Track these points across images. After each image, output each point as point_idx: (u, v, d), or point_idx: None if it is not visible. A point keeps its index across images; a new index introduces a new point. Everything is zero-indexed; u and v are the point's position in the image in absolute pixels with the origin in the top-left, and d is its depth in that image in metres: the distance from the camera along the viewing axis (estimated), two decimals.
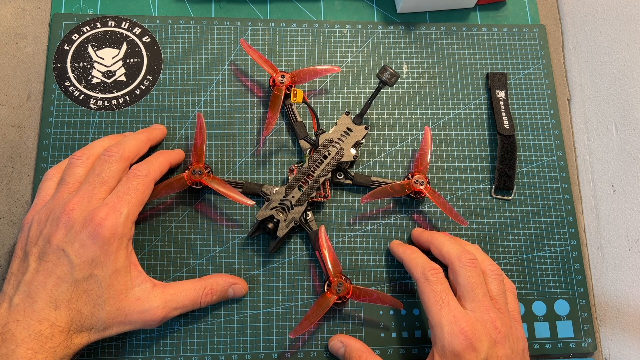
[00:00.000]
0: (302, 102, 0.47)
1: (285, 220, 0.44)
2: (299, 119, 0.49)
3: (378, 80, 0.47)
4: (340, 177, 0.48)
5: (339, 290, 0.42)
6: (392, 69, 0.45)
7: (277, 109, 0.47)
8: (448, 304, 0.38)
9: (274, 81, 0.48)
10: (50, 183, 0.42)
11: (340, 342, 0.43)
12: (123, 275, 0.38)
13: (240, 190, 0.47)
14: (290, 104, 0.49)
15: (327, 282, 0.43)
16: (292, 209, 0.45)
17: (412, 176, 0.47)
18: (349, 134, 0.47)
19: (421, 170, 0.47)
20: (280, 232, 0.44)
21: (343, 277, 0.43)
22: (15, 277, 0.37)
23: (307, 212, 0.46)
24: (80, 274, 0.36)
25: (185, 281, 0.42)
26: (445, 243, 0.42)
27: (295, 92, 0.47)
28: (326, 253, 0.43)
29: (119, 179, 0.41)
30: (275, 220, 0.44)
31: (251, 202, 0.43)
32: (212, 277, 0.43)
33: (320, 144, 0.47)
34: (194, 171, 0.45)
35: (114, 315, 0.37)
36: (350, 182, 0.48)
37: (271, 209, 0.45)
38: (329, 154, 0.46)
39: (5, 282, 0.37)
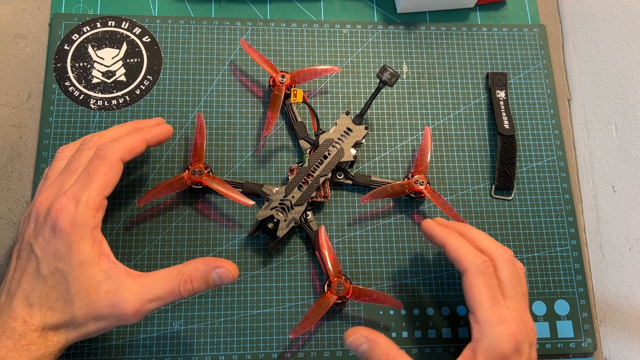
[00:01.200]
0: (302, 102, 0.47)
1: (285, 220, 0.44)
2: (299, 119, 0.49)
3: (378, 80, 0.47)
4: (340, 177, 0.48)
5: (339, 290, 0.42)
6: (392, 69, 0.45)
7: (277, 109, 0.47)
8: (500, 302, 0.36)
9: (274, 81, 0.48)
10: (42, 181, 0.41)
11: (365, 337, 0.37)
12: (90, 267, 0.35)
13: (240, 190, 0.47)
14: (290, 104, 0.49)
15: (327, 282, 0.43)
16: (292, 209, 0.45)
17: (412, 176, 0.47)
18: (349, 134, 0.47)
19: (421, 170, 0.47)
20: (280, 232, 0.44)
21: (343, 277, 0.43)
22: (4, 277, 0.38)
23: (307, 212, 0.46)
24: (46, 269, 0.35)
25: (162, 270, 0.37)
26: (482, 237, 0.41)
27: (295, 92, 0.47)
28: (326, 253, 0.43)
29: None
30: (275, 220, 0.44)
31: (251, 202, 0.43)
32: (191, 262, 0.37)
33: (320, 144, 0.47)
34: (194, 171, 0.45)
35: (84, 310, 0.35)
36: (350, 182, 0.48)
37: (271, 209, 0.45)
38: (329, 154, 0.46)
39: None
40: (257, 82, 0.52)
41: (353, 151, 0.47)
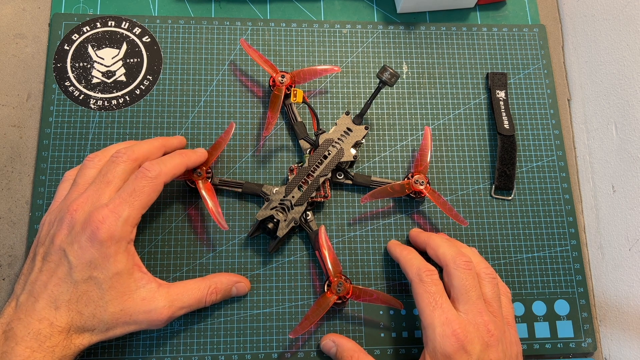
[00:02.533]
0: (302, 102, 0.47)
1: (285, 220, 0.44)
2: (299, 119, 0.49)
3: (378, 80, 0.47)
4: (340, 177, 0.48)
5: (339, 290, 0.42)
6: (392, 69, 0.45)
7: (277, 109, 0.47)
8: (441, 305, 0.38)
9: (274, 81, 0.48)
10: (66, 185, 0.42)
11: (332, 341, 0.43)
12: (125, 278, 0.38)
13: (240, 190, 0.47)
14: (290, 104, 0.49)
15: (327, 282, 0.43)
16: (292, 209, 0.45)
17: (412, 176, 0.47)
18: (349, 134, 0.47)
19: (421, 170, 0.47)
20: (280, 232, 0.44)
21: (343, 277, 0.43)
22: (24, 276, 0.38)
23: (307, 212, 0.46)
24: (79, 275, 0.36)
25: (190, 280, 0.42)
26: (441, 245, 0.42)
27: (295, 92, 0.47)
28: (326, 253, 0.43)
29: (125, 179, 0.40)
30: (275, 220, 0.44)
31: (226, 227, 0.43)
32: (216, 276, 0.43)
33: (320, 144, 0.47)
34: (194, 170, 0.45)
35: (118, 316, 0.37)
36: (350, 182, 0.48)
37: (271, 209, 0.45)
38: (329, 154, 0.46)
39: (17, 282, 0.38)
40: (257, 82, 0.52)
41: (353, 151, 0.47)
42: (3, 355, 0.34)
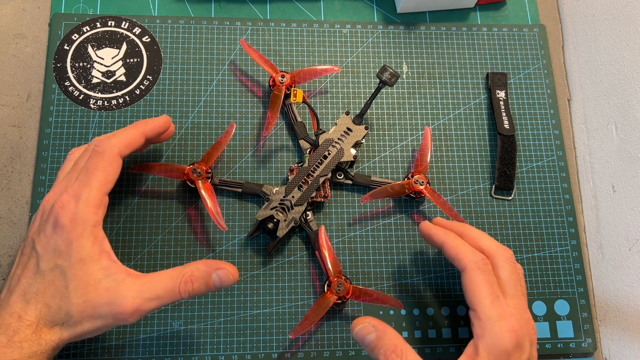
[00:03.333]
0: (302, 102, 0.47)
1: (285, 220, 0.44)
2: (299, 119, 0.49)
3: (378, 80, 0.47)
4: (340, 177, 0.48)
5: (339, 290, 0.42)
6: (392, 69, 0.45)
7: (277, 109, 0.47)
8: (499, 298, 0.37)
9: (274, 81, 0.48)
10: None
11: (373, 326, 0.37)
12: (90, 265, 0.35)
13: (240, 190, 0.47)
14: (290, 104, 0.49)
15: (327, 282, 0.43)
16: (292, 209, 0.45)
17: (412, 176, 0.47)
18: (349, 134, 0.47)
19: (421, 170, 0.47)
20: (280, 232, 0.44)
21: (343, 277, 0.43)
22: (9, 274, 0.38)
23: (307, 212, 0.46)
24: (46, 264, 0.35)
25: (164, 270, 0.37)
26: (482, 236, 0.41)
27: (295, 92, 0.47)
28: (326, 253, 0.43)
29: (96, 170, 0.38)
30: (275, 220, 0.44)
31: (225, 227, 0.43)
32: (193, 264, 0.38)
33: (320, 144, 0.47)
34: (194, 170, 0.45)
35: (81, 308, 0.35)
36: (350, 182, 0.48)
37: (271, 209, 0.45)
38: (329, 154, 0.46)
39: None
40: (257, 82, 0.52)
41: (353, 151, 0.47)
42: None
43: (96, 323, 0.35)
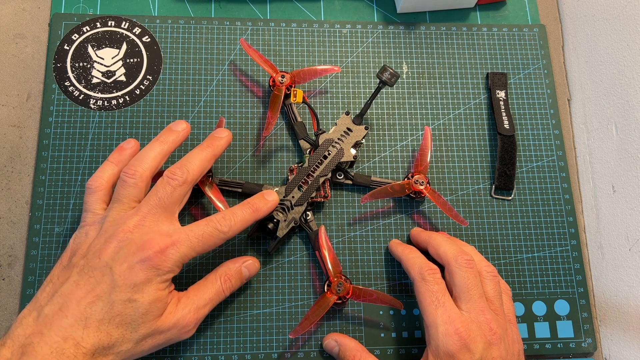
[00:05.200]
0: (302, 102, 0.47)
1: (285, 221, 0.44)
2: (299, 119, 0.49)
3: (378, 80, 0.47)
4: (340, 177, 0.48)
5: (339, 290, 0.42)
6: (392, 69, 0.45)
7: (277, 109, 0.47)
8: (444, 304, 0.38)
9: (273, 81, 0.48)
10: (96, 197, 0.40)
11: (335, 340, 0.43)
12: (161, 302, 0.37)
13: (240, 190, 0.47)
14: (290, 104, 0.49)
15: (327, 282, 0.43)
16: (292, 209, 0.45)
17: (412, 176, 0.47)
18: (349, 134, 0.47)
19: (421, 170, 0.47)
20: (280, 232, 0.44)
21: (343, 277, 0.43)
22: (53, 285, 0.36)
23: (307, 212, 0.46)
24: (119, 296, 0.35)
25: (200, 280, 0.41)
26: (442, 243, 0.42)
27: (295, 92, 0.47)
28: (326, 253, 0.43)
29: (181, 202, 0.40)
30: (275, 220, 0.44)
31: None
32: (222, 266, 0.42)
33: (320, 144, 0.47)
34: None
35: (148, 333, 0.36)
36: (350, 182, 0.48)
37: None
38: (329, 154, 0.46)
39: (41, 289, 0.36)
40: (257, 82, 0.52)
41: (353, 151, 0.47)
42: None
43: (157, 344, 0.37)
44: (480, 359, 0.36)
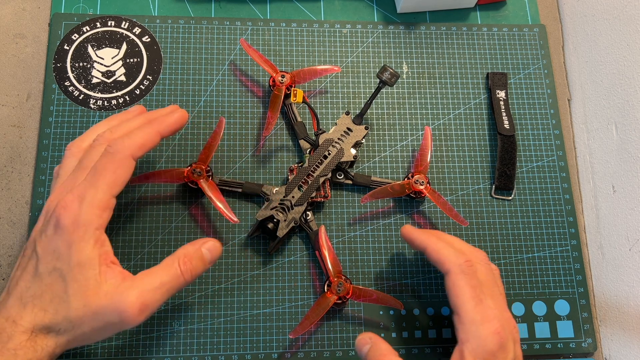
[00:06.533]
0: (302, 102, 0.47)
1: (285, 221, 0.44)
2: (299, 119, 0.49)
3: (378, 80, 0.47)
4: (340, 177, 0.48)
5: (339, 290, 0.42)
6: (392, 69, 0.45)
7: (277, 108, 0.47)
8: (483, 301, 0.36)
9: (273, 81, 0.48)
10: (54, 181, 0.40)
11: (369, 339, 0.40)
12: (89, 269, 0.34)
13: (240, 190, 0.47)
14: (290, 104, 0.49)
15: (327, 282, 0.43)
16: (292, 209, 0.45)
17: (412, 176, 0.47)
18: (349, 134, 0.47)
19: (421, 170, 0.47)
20: (280, 232, 0.44)
21: (343, 277, 0.43)
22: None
23: (307, 212, 0.46)
24: (44, 267, 0.34)
25: (155, 266, 0.37)
26: (454, 240, 0.41)
27: (295, 92, 0.47)
28: (326, 253, 0.43)
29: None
30: (275, 220, 0.44)
31: (236, 219, 0.42)
32: (180, 249, 0.38)
33: (320, 144, 0.47)
34: (194, 170, 0.45)
35: (81, 312, 0.33)
36: (350, 182, 0.48)
37: (271, 209, 0.45)
38: (329, 154, 0.46)
39: None
40: (257, 82, 0.52)
41: (353, 151, 0.47)
42: None
43: (98, 328, 0.34)
44: (514, 357, 0.36)
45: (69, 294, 0.33)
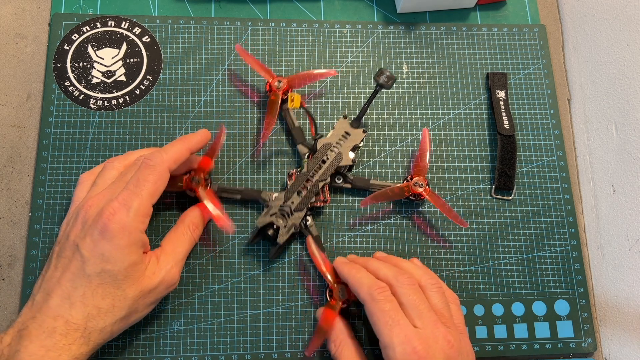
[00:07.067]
0: (300, 108, 0.46)
1: (285, 227, 0.44)
2: (296, 124, 0.49)
3: (375, 83, 0.47)
4: (339, 181, 0.48)
5: (342, 295, 0.42)
6: (389, 72, 0.45)
7: (274, 114, 0.47)
8: (398, 322, 0.37)
9: (270, 86, 0.48)
10: (83, 187, 0.42)
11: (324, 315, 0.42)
12: (139, 265, 0.38)
13: (239, 197, 0.46)
14: (287, 109, 0.49)
15: (327, 291, 0.43)
16: (292, 214, 0.44)
17: (411, 178, 0.47)
18: (347, 138, 0.47)
19: (420, 172, 0.47)
20: (281, 239, 0.44)
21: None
22: (42, 276, 0.38)
23: (307, 217, 0.46)
24: (92, 269, 0.36)
25: (171, 232, 0.42)
26: (380, 267, 0.41)
27: (292, 97, 0.46)
28: (321, 264, 0.43)
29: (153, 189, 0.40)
30: (275, 226, 0.44)
31: (231, 230, 0.43)
32: (187, 216, 0.44)
33: (318, 148, 0.46)
34: (193, 178, 0.44)
35: (138, 296, 0.37)
36: (349, 185, 0.48)
37: (271, 215, 0.44)
38: (328, 158, 0.46)
39: (36, 283, 0.38)
40: (257, 82, 0.52)
41: (351, 155, 0.47)
42: (16, 354, 0.33)
43: (150, 302, 0.39)
44: None
45: (123, 287, 0.37)
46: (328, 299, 0.43)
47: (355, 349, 0.41)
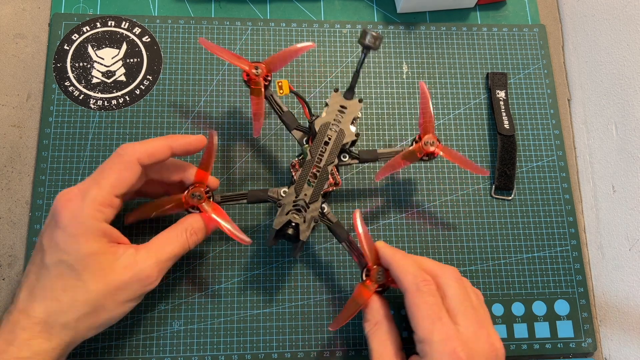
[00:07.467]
0: (290, 92, 0.43)
1: (305, 222, 0.40)
2: (285, 109, 0.44)
3: (360, 46, 0.40)
4: (345, 159, 0.43)
5: (379, 278, 0.39)
6: (374, 32, 0.39)
7: (261, 104, 0.43)
8: (441, 318, 0.35)
9: (248, 75, 0.42)
10: None
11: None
12: (100, 256, 0.35)
13: (245, 201, 0.43)
14: (271, 96, 0.44)
15: (364, 271, 0.40)
16: (308, 207, 0.40)
17: (420, 138, 0.43)
18: (344, 112, 0.42)
19: (428, 129, 0.43)
20: (303, 236, 0.40)
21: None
22: None
23: (323, 206, 0.42)
24: (49, 259, 0.35)
25: (164, 231, 0.39)
26: (424, 259, 0.40)
27: (280, 83, 0.43)
28: (363, 238, 0.39)
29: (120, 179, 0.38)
30: (293, 224, 0.40)
31: (248, 240, 0.40)
32: (187, 220, 0.40)
33: (317, 130, 0.42)
34: (193, 194, 0.41)
35: (103, 291, 0.35)
36: (356, 161, 0.44)
37: (286, 214, 0.40)
38: (330, 138, 0.41)
39: None
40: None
41: (353, 129, 0.42)
42: None
43: (122, 301, 0.36)
44: None
45: (84, 279, 0.35)
46: (364, 278, 0.40)
47: (390, 333, 0.38)
